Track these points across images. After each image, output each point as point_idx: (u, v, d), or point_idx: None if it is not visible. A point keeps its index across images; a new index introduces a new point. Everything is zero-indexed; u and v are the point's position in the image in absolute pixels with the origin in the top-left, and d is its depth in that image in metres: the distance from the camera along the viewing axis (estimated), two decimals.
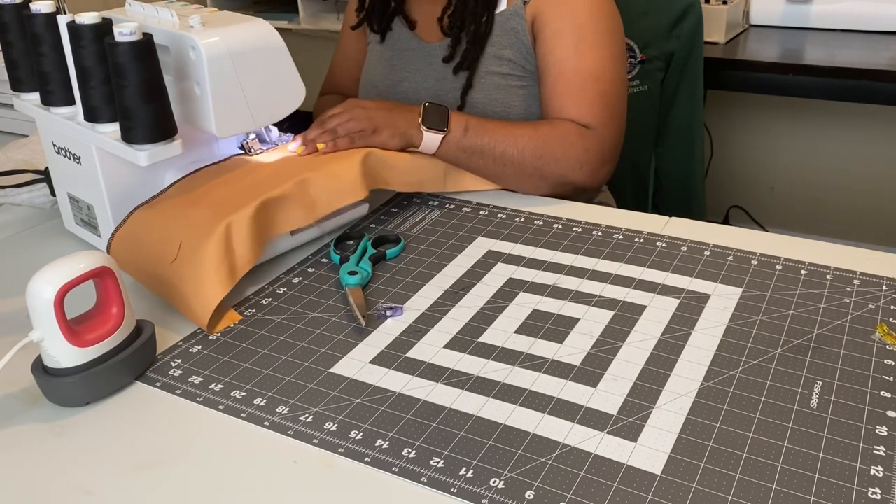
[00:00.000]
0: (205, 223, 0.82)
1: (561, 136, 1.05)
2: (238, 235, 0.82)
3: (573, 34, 1.08)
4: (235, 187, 0.89)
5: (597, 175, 1.08)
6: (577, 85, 1.07)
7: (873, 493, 0.57)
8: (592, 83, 1.07)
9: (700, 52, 1.63)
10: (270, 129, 1.01)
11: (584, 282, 0.85)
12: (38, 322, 0.67)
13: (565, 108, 1.08)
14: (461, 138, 1.04)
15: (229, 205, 0.84)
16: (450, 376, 0.71)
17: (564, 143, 1.05)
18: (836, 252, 0.88)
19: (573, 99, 1.07)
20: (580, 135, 1.06)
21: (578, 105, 1.07)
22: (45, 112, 0.91)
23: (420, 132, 1.02)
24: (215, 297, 0.79)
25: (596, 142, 1.07)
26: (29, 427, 0.68)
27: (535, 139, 1.04)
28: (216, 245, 0.80)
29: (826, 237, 1.55)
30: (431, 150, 1.04)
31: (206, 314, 0.78)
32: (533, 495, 0.58)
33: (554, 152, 1.04)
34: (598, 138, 1.07)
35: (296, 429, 0.66)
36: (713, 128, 2.22)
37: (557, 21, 1.09)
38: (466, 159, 1.05)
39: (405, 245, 0.93)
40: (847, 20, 1.94)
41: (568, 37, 1.08)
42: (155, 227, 0.86)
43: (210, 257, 0.80)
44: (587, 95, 1.07)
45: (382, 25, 1.23)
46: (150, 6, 0.90)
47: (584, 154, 1.06)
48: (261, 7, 2.70)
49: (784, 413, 0.65)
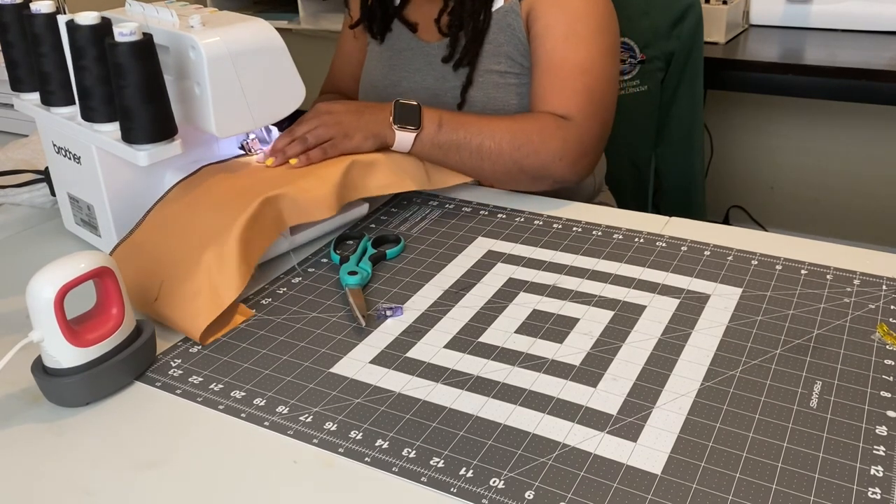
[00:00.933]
0: (185, 259, 0.81)
1: (539, 128, 1.04)
2: (220, 272, 0.80)
3: (564, 27, 1.07)
4: (214, 210, 0.86)
5: (576, 167, 1.05)
6: (561, 76, 1.06)
7: (873, 493, 0.57)
8: (579, 75, 1.06)
9: (700, 52, 1.63)
10: (271, 129, 1.01)
11: (584, 282, 0.85)
12: (39, 322, 0.67)
13: (548, 100, 1.07)
14: (435, 134, 1.02)
15: (209, 235, 0.82)
16: (450, 376, 0.71)
17: (543, 134, 1.03)
18: (836, 252, 0.88)
19: (556, 90, 1.06)
20: (558, 126, 1.04)
21: (560, 96, 1.06)
22: (45, 112, 0.91)
23: (392, 131, 1.01)
24: (203, 323, 0.77)
25: (575, 133, 1.05)
26: (29, 427, 0.68)
27: (512, 131, 1.03)
28: (198, 283, 0.79)
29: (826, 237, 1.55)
30: (405, 149, 1.02)
31: (197, 333, 0.77)
32: (533, 495, 0.58)
33: (532, 143, 1.03)
34: (577, 129, 1.05)
35: (296, 429, 0.66)
36: (713, 128, 2.22)
37: (550, 15, 1.08)
38: (442, 155, 1.03)
39: (405, 245, 0.93)
40: (847, 20, 1.94)
41: (558, 29, 1.07)
42: (133, 265, 0.83)
43: (191, 295, 0.78)
44: (571, 87, 1.06)
45: (382, 28, 1.23)
46: (149, 6, 0.90)
47: (562, 145, 1.04)
48: (261, 7, 2.70)
49: (784, 413, 0.65)
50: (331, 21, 2.50)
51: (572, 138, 1.04)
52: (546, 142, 1.03)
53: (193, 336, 0.77)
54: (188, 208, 0.88)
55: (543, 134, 1.03)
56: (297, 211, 0.89)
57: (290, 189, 0.88)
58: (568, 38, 1.07)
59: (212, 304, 0.78)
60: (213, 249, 0.81)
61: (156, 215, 0.89)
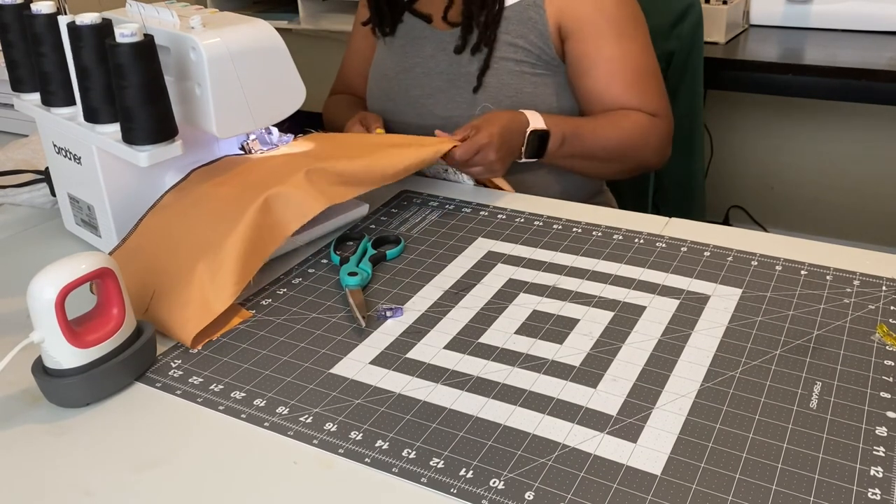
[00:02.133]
0: (177, 269, 0.81)
1: (639, 128, 1.15)
2: (212, 283, 0.79)
3: (611, 29, 1.14)
4: (207, 220, 0.86)
5: (666, 156, 1.21)
6: (631, 77, 1.16)
7: (873, 494, 0.58)
8: (644, 73, 1.17)
9: (700, 52, 1.63)
10: (271, 129, 1.01)
11: (584, 282, 0.85)
12: (39, 323, 0.67)
13: (628, 101, 1.16)
14: (555, 152, 1.12)
15: (201, 245, 0.82)
16: (450, 377, 0.71)
17: (643, 134, 1.16)
18: (836, 252, 0.88)
19: (633, 91, 1.16)
20: (653, 124, 1.17)
21: (640, 96, 1.16)
22: (46, 112, 0.91)
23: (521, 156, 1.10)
24: (192, 331, 0.77)
25: (665, 127, 1.19)
26: (29, 427, 0.68)
27: (618, 136, 1.15)
28: (188, 293, 0.78)
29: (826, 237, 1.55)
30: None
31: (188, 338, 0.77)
32: (533, 496, 0.58)
33: (636, 144, 1.16)
34: (666, 124, 1.19)
35: (296, 429, 0.66)
36: (713, 128, 2.22)
37: (590, 18, 1.14)
38: (557, 162, 1.15)
39: (405, 246, 0.93)
40: (847, 20, 1.94)
41: (607, 32, 1.14)
42: (125, 272, 0.81)
43: (181, 305, 0.78)
44: (642, 86, 1.17)
45: (392, 22, 1.24)
46: (150, 7, 0.91)
47: (658, 140, 1.18)
48: (261, 7, 2.70)
49: (784, 414, 0.65)
50: (331, 21, 2.50)
51: (664, 134, 1.19)
52: (647, 140, 1.17)
53: (185, 342, 0.77)
54: (180, 216, 0.87)
55: (644, 134, 1.16)
56: (292, 212, 0.87)
57: (282, 188, 0.86)
58: (621, 39, 1.15)
59: (202, 313, 0.78)
60: (205, 261, 0.80)
61: (149, 222, 0.88)
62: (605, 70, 1.15)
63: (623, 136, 1.14)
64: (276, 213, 0.86)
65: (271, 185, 0.87)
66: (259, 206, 0.84)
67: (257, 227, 0.84)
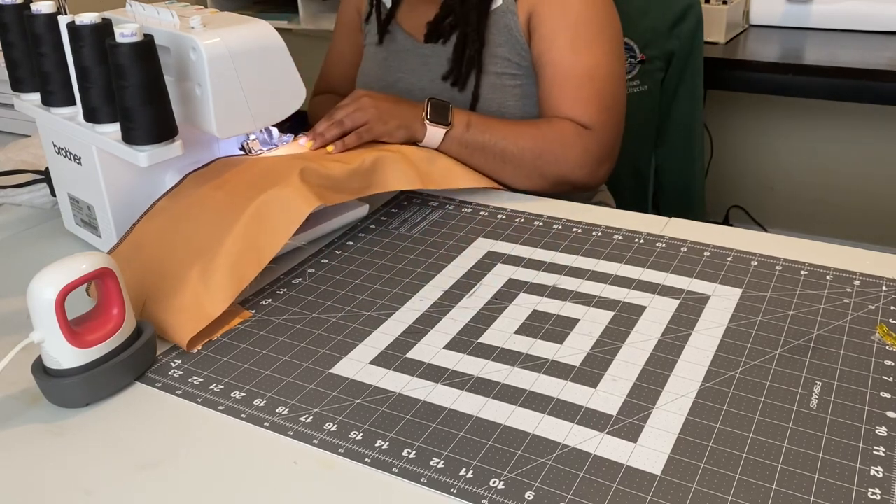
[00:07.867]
0: (171, 275, 0.80)
1: (560, 136, 1.07)
2: (206, 290, 0.79)
3: (568, 32, 1.08)
4: (201, 225, 0.85)
5: (595, 174, 1.09)
6: (573, 84, 1.08)
7: (873, 494, 0.58)
8: (588, 82, 1.08)
9: (700, 52, 1.63)
10: (271, 129, 1.01)
11: (584, 282, 0.85)
12: (39, 323, 0.67)
13: (563, 108, 1.09)
14: (463, 133, 1.05)
15: (195, 252, 0.81)
16: (450, 377, 0.71)
17: (564, 143, 1.06)
18: (836, 252, 0.88)
19: (570, 99, 1.08)
20: (579, 135, 1.07)
21: (575, 105, 1.08)
22: (46, 112, 0.91)
23: (423, 126, 1.04)
24: (187, 335, 0.76)
25: (595, 141, 1.08)
26: (29, 427, 0.68)
27: (535, 138, 1.06)
28: (182, 299, 0.78)
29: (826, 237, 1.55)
30: (434, 145, 1.06)
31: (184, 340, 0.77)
32: (533, 496, 0.58)
33: (554, 152, 1.06)
34: (596, 138, 1.08)
35: (296, 429, 0.66)
36: (713, 128, 2.22)
37: (552, 19, 1.09)
38: (468, 155, 1.06)
39: (406, 246, 0.93)
40: (847, 20, 1.94)
41: (563, 35, 1.09)
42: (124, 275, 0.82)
43: (175, 311, 0.78)
44: (584, 95, 1.08)
45: (380, 30, 1.23)
46: (150, 7, 0.91)
47: (583, 154, 1.07)
48: (261, 7, 2.70)
49: (784, 413, 0.65)
50: (331, 21, 2.49)
51: (593, 147, 1.08)
52: (567, 151, 1.07)
53: (180, 345, 0.77)
54: (174, 222, 0.87)
55: (565, 143, 1.07)
56: (287, 214, 0.86)
57: (276, 190, 0.86)
58: (574, 42, 1.08)
59: (197, 317, 0.77)
60: (198, 267, 0.80)
61: (142, 228, 0.88)
62: (549, 74, 1.09)
63: (538, 141, 1.05)
64: (271, 216, 0.85)
65: (265, 186, 0.87)
66: (253, 211, 0.84)
67: (252, 232, 0.83)
